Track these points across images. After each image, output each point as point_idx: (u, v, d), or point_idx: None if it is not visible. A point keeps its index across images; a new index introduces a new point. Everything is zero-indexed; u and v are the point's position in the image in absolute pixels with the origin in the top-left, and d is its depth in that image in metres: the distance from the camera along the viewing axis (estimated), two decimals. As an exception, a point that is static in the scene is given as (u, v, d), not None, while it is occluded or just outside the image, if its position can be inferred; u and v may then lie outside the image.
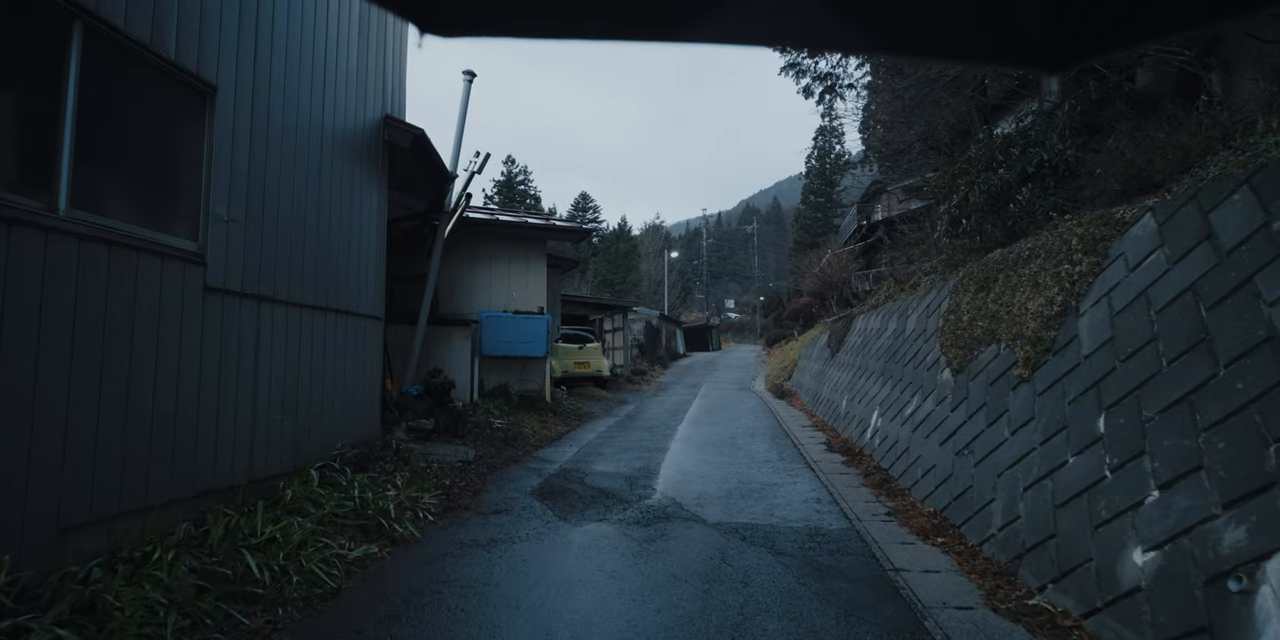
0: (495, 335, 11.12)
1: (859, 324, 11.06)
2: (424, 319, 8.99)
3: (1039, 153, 7.41)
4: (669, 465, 7.40)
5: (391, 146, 6.97)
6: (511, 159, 70.95)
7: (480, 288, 11.77)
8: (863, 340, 10.24)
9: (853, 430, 8.70)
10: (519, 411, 10.62)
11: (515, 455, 7.96)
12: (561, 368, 15.57)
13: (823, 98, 15.58)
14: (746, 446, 8.58)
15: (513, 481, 6.60)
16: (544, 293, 12.16)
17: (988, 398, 5.33)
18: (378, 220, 6.81)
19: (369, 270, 6.54)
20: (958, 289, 6.88)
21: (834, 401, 10.52)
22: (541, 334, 11.35)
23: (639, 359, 22.51)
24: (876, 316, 10.06)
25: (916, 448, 6.35)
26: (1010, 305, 5.55)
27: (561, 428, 10.22)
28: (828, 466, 7.30)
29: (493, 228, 11.64)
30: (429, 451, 7.30)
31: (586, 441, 9.11)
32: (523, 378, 11.65)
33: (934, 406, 6.35)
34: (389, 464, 6.09)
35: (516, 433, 9.14)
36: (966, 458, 5.26)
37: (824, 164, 63.54)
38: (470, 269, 11.74)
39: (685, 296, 68.02)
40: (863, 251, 31.96)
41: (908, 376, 7.46)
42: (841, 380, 10.54)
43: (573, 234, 12.04)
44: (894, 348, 8.40)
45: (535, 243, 12.16)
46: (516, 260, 12.01)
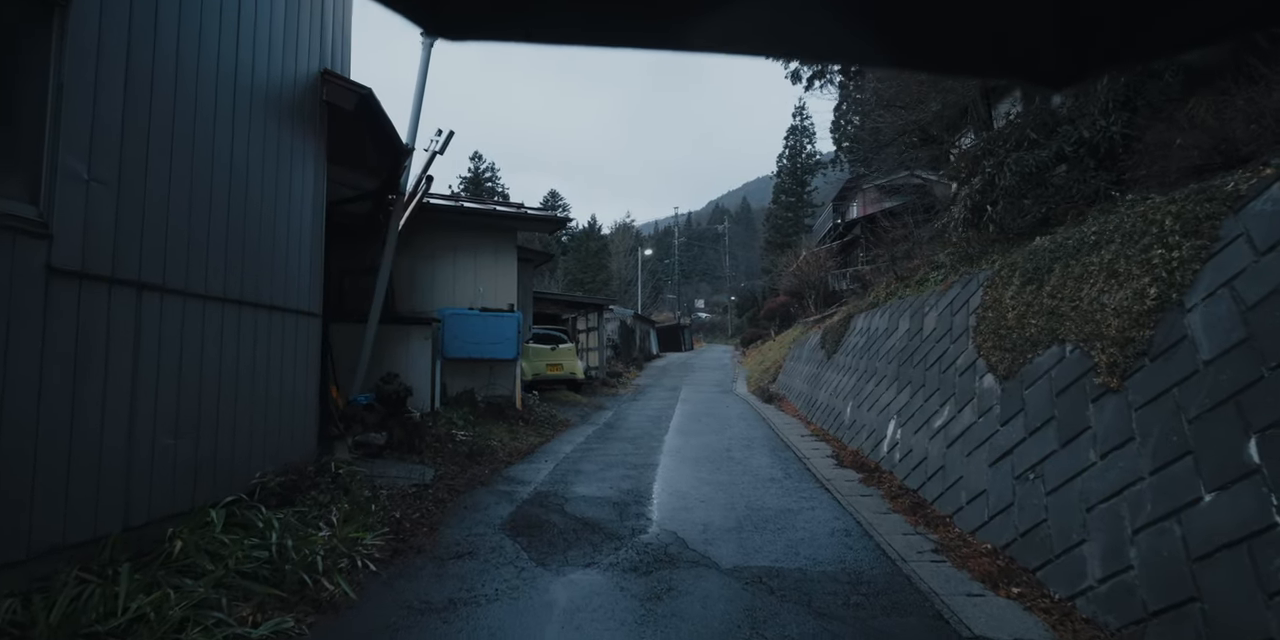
0: (460, 335, 9.98)
1: (858, 323, 10.19)
2: (376, 317, 7.82)
3: (1075, 130, 6.58)
4: (662, 486, 6.38)
5: (331, 109, 5.82)
6: (479, 155, 69.30)
7: (443, 283, 10.60)
8: (866, 341, 9.35)
9: (863, 441, 7.78)
10: (486, 421, 9.49)
11: (482, 474, 6.86)
12: (533, 370, 14.44)
13: (811, 83, 14.77)
14: (745, 461, 7.60)
15: (478, 510, 5.51)
16: (514, 288, 11.04)
17: (1056, 410, 4.42)
18: (314, 197, 5.66)
19: (302, 256, 5.39)
20: (995, 282, 5.99)
21: (834, 408, 9.62)
22: (511, 334, 10.24)
23: (614, 360, 21.46)
24: (880, 315, 9.18)
25: (955, 466, 5.43)
26: (1076, 300, 4.66)
27: (534, 439, 9.13)
28: (844, 486, 6.36)
29: (457, 216, 10.49)
30: (378, 473, 6.16)
31: (564, 456, 8.04)
32: (490, 382, 10.51)
33: (974, 418, 5.44)
34: (324, 493, 4.95)
35: (483, 446, 8.02)
36: (1033, 484, 4.34)
37: (795, 164, 63.40)
38: (432, 262, 10.57)
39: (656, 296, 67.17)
40: (839, 250, 31.41)
41: (931, 382, 6.55)
42: (842, 384, 9.64)
43: (546, 223, 10.95)
44: (909, 349, 7.51)
45: (504, 233, 11.03)
46: (484, 253, 10.87)
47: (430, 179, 9.29)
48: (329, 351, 8.11)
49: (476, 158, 68.19)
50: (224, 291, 4.34)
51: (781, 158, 63.98)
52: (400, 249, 10.05)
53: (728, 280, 69.71)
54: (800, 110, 69.90)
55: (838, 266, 30.11)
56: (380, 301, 7.86)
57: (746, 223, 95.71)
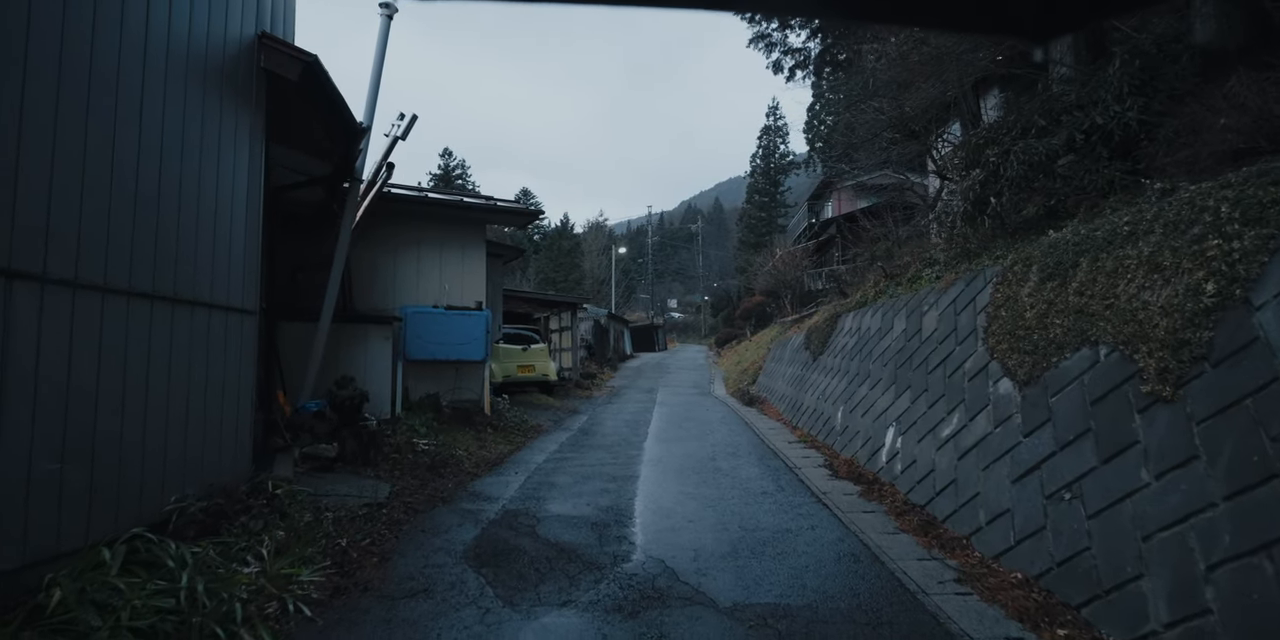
0: (423, 335, 9.27)
1: (847, 323, 9.72)
2: (329, 315, 7.10)
3: (1087, 117, 6.15)
4: (645, 502, 5.79)
5: (272, 79, 5.11)
6: (449, 152, 68.14)
7: (406, 279, 9.87)
8: (856, 341, 8.88)
9: (858, 450, 7.28)
10: (451, 427, 8.80)
11: (444, 489, 6.19)
12: (503, 372, 13.75)
13: (793, 73, 14.32)
14: (733, 471, 7.05)
15: (439, 534, 4.86)
16: (483, 285, 10.36)
17: (1093, 422, 3.93)
18: (250, 178, 4.94)
19: (234, 246, 4.67)
20: (1007, 279, 5.52)
21: (823, 412, 9.12)
22: (479, 334, 9.56)
23: (588, 361, 20.80)
24: (872, 314, 8.71)
25: (969, 481, 4.94)
26: (1110, 297, 4.18)
27: (504, 447, 8.47)
28: (843, 501, 5.83)
29: (422, 207, 9.77)
30: (325, 491, 5.47)
31: (535, 466, 7.40)
32: (457, 386, 9.81)
33: (990, 427, 4.95)
34: (257, 519, 4.25)
35: (447, 456, 7.35)
36: (1069, 506, 3.84)
37: (769, 163, 63.44)
38: (394, 256, 9.83)
39: (629, 296, 66.61)
40: (815, 249, 31.17)
41: (935, 387, 6.07)
42: (831, 388, 9.16)
43: (518, 216, 10.29)
44: (907, 351, 7.03)
45: (473, 226, 10.34)
46: (450, 247, 10.16)
47: (391, 166, 8.59)
48: (275, 353, 7.38)
49: (446, 154, 66.91)
50: (130, 283, 3.63)
51: (755, 157, 63.99)
52: (360, 242, 9.31)
53: (701, 280, 69.50)
54: (774, 110, 69.98)
55: (813, 266, 29.87)
56: (333, 298, 7.14)
57: (719, 223, 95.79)
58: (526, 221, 10.63)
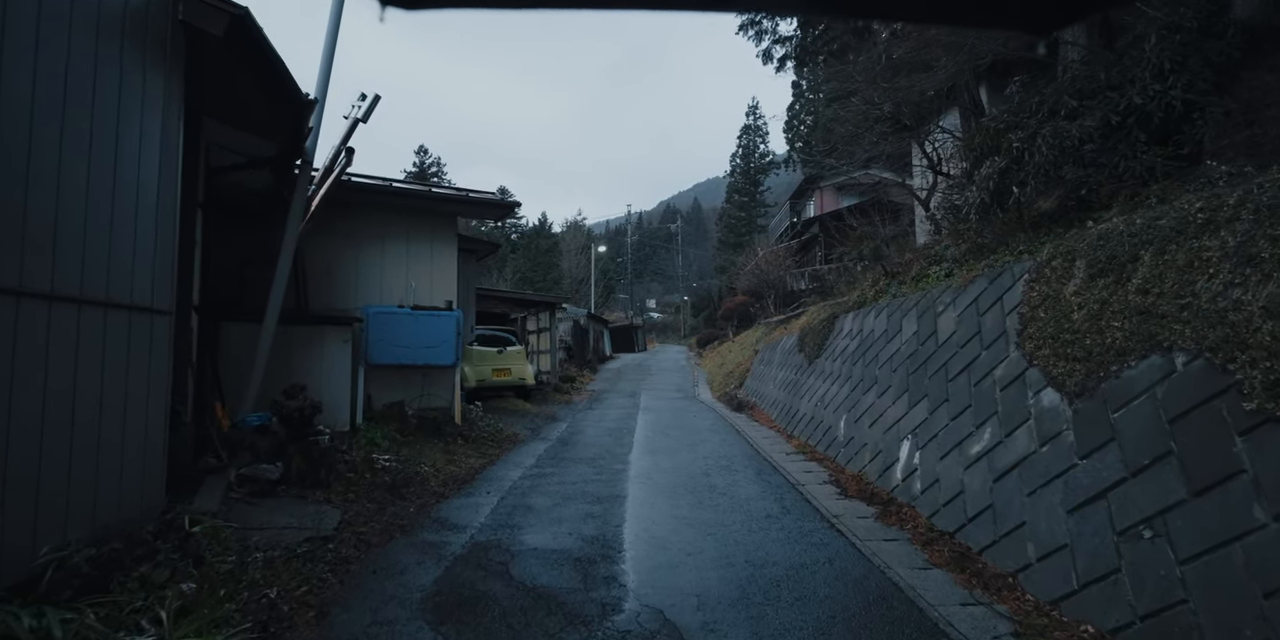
0: (387, 338, 8.45)
1: (846, 324, 9.09)
2: (274, 315, 6.28)
3: (1123, 97, 5.56)
4: (635, 530, 5.07)
5: (194, 35, 4.30)
6: (424, 149, 66.91)
7: (369, 276, 9.04)
8: (858, 345, 8.24)
9: (866, 464, 6.63)
10: (418, 439, 8.00)
11: (405, 515, 5.42)
12: (477, 375, 12.93)
13: (783, 63, 13.69)
14: (730, 489, 6.35)
15: (393, 576, 4.09)
16: (454, 284, 9.56)
17: (1174, 444, 3.29)
18: (163, 152, 4.12)
19: (141, 233, 3.86)
20: (1044, 276, 4.90)
21: (823, 421, 8.47)
22: (449, 336, 8.76)
23: (567, 363, 20.01)
24: (875, 315, 8.09)
25: (1010, 507, 4.29)
26: (1187, 294, 3.55)
27: (476, 461, 7.69)
28: (858, 526, 5.16)
29: (387, 198, 8.94)
30: (261, 523, 4.66)
31: (510, 484, 6.64)
32: (425, 393, 9.00)
33: (1033, 445, 4.31)
34: (163, 568, 3.45)
35: (411, 474, 6.56)
36: (1152, 546, 3.20)
37: (749, 163, 63.18)
38: (356, 252, 9.00)
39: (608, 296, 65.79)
40: (798, 249, 30.71)
41: (959, 396, 5.43)
42: (831, 394, 8.51)
43: (492, 209, 9.50)
44: (920, 356, 6.40)
45: (443, 220, 9.53)
46: (418, 241, 9.35)
47: (351, 151, 7.78)
48: (214, 359, 6.54)
49: (422, 151, 65.64)
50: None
51: (735, 157, 63.70)
52: (317, 237, 8.48)
53: (680, 280, 69.02)
54: (754, 109, 69.76)
55: (796, 266, 29.38)
56: (280, 296, 6.31)
57: (698, 223, 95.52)
58: (502, 214, 9.86)
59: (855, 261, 19.93)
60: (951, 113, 12.59)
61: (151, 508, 3.88)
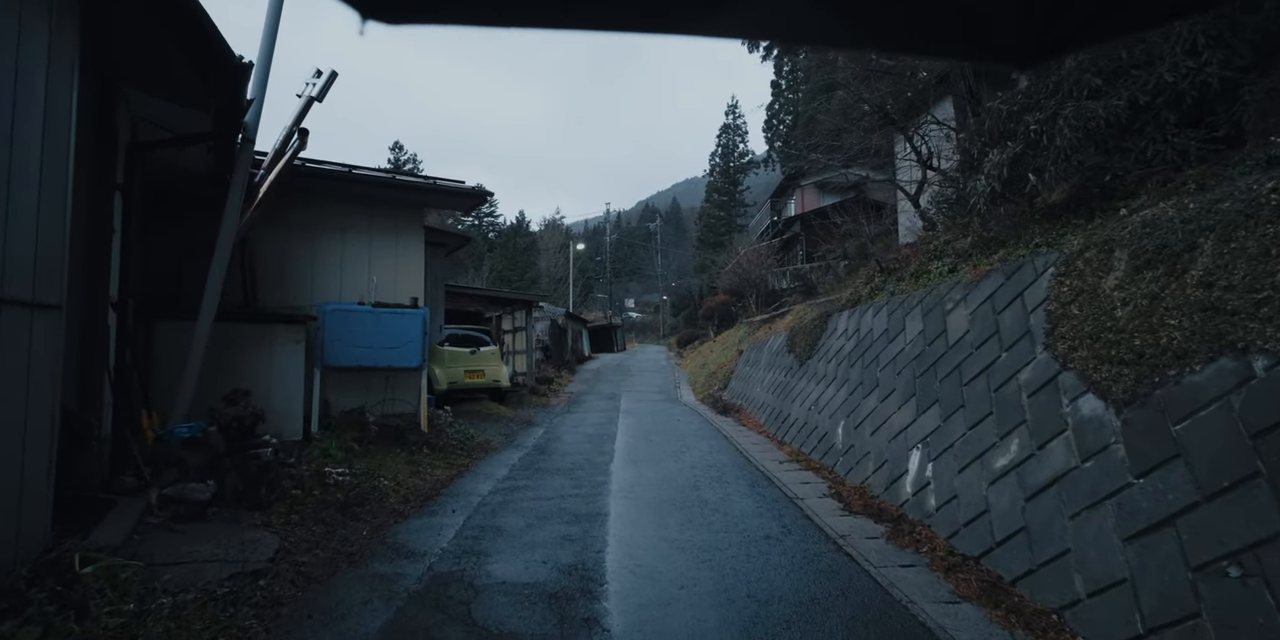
0: (345, 338, 7.75)
1: (840, 323, 8.57)
2: (209, 313, 5.57)
3: (1152, 75, 5.08)
4: (619, 556, 4.46)
5: (94, -23, 3.60)
6: (400, 145, 65.84)
7: (327, 271, 8.32)
8: (855, 345, 7.72)
9: (870, 475, 6.10)
10: (379, 449, 7.31)
11: (355, 541, 4.75)
12: (449, 377, 12.24)
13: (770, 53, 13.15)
14: (723, 504, 5.77)
15: (331, 622, 3.44)
16: (420, 279, 8.87)
17: (1263, 464, 2.77)
18: (50, 115, 3.42)
19: (15, 211, 3.16)
20: (1076, 269, 4.39)
21: (818, 427, 7.94)
22: (414, 336, 8.08)
23: (544, 364, 19.31)
24: (872, 314, 7.57)
25: (1049, 531, 3.76)
26: (1265, 288, 3.05)
27: (443, 472, 7.02)
28: (869, 548, 4.61)
29: (347, 186, 8.23)
30: (178, 556, 3.98)
31: (479, 500, 5.99)
32: (388, 398, 8.31)
33: (1074, 461, 3.79)
34: (32, 624, 2.77)
35: (368, 489, 5.89)
36: (1243, 587, 2.68)
37: (728, 163, 62.98)
38: (312, 245, 8.27)
39: (586, 295, 65.06)
40: (780, 248, 30.33)
41: (976, 402, 4.91)
42: (826, 398, 7.98)
43: (462, 198, 8.82)
44: (928, 357, 5.88)
45: (408, 210, 8.84)
46: (381, 234, 8.65)
47: (304, 133, 7.08)
48: (138, 363, 5.81)
49: (397, 148, 64.51)
50: None
51: (714, 156, 63.46)
52: (269, 227, 7.75)
53: (659, 279, 68.60)
54: (733, 108, 69.59)
55: (778, 265, 28.99)
56: (216, 291, 5.61)
57: (676, 223, 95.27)
58: (472, 205, 9.19)
59: (839, 259, 19.54)
60: (943, 104, 12.18)
61: (29, 546, 3.18)
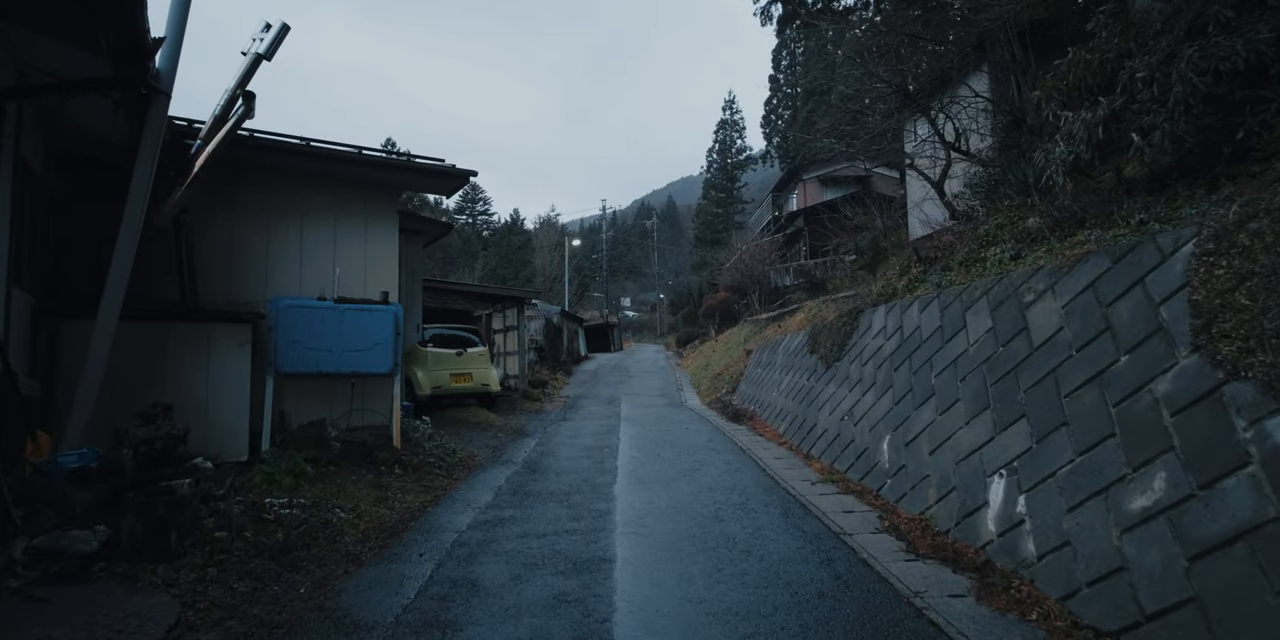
0: (304, 339, 6.63)
1: (875, 320, 7.49)
2: (111, 309, 4.45)
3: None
4: (633, 629, 3.36)
5: None
6: (392, 142, 64.64)
7: (283, 262, 7.20)
8: (898, 345, 6.63)
9: (933, 504, 5.01)
10: (341, 471, 6.20)
11: (286, 604, 3.64)
12: (432, 381, 11.11)
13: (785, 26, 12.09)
14: (755, 543, 4.67)
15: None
16: (394, 272, 7.75)
17: None
18: None
19: None
20: (1237, 246, 3.31)
21: (854, 440, 6.84)
22: (385, 336, 6.97)
23: (538, 365, 18.18)
24: (919, 310, 6.49)
25: (1237, 605, 2.67)
26: None
27: (414, 498, 5.92)
28: (960, 615, 3.52)
29: (304, 162, 7.10)
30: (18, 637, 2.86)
31: (453, 540, 4.88)
32: (355, 408, 7.20)
33: (1273, 510, 2.70)
34: None
35: (318, 526, 4.79)
36: None
37: (725, 158, 62.01)
38: (266, 231, 7.15)
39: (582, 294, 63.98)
40: (784, 243, 29.27)
41: (1088, 420, 3.83)
42: (863, 407, 6.89)
43: (440, 178, 7.69)
44: (1005, 360, 4.80)
45: (379, 192, 7.72)
46: (349, 220, 7.53)
47: (251, 98, 6.02)
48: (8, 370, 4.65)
49: (390, 145, 63.33)
50: None
51: (711, 152, 62.51)
52: (212, 210, 6.64)
53: (656, 278, 67.60)
54: (730, 103, 68.70)
55: (780, 261, 27.92)
56: (121, 281, 4.48)
57: (672, 221, 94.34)
58: (452, 186, 8.05)
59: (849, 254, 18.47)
60: (976, 77, 11.11)
61: None
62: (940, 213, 13.93)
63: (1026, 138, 8.57)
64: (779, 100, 51.31)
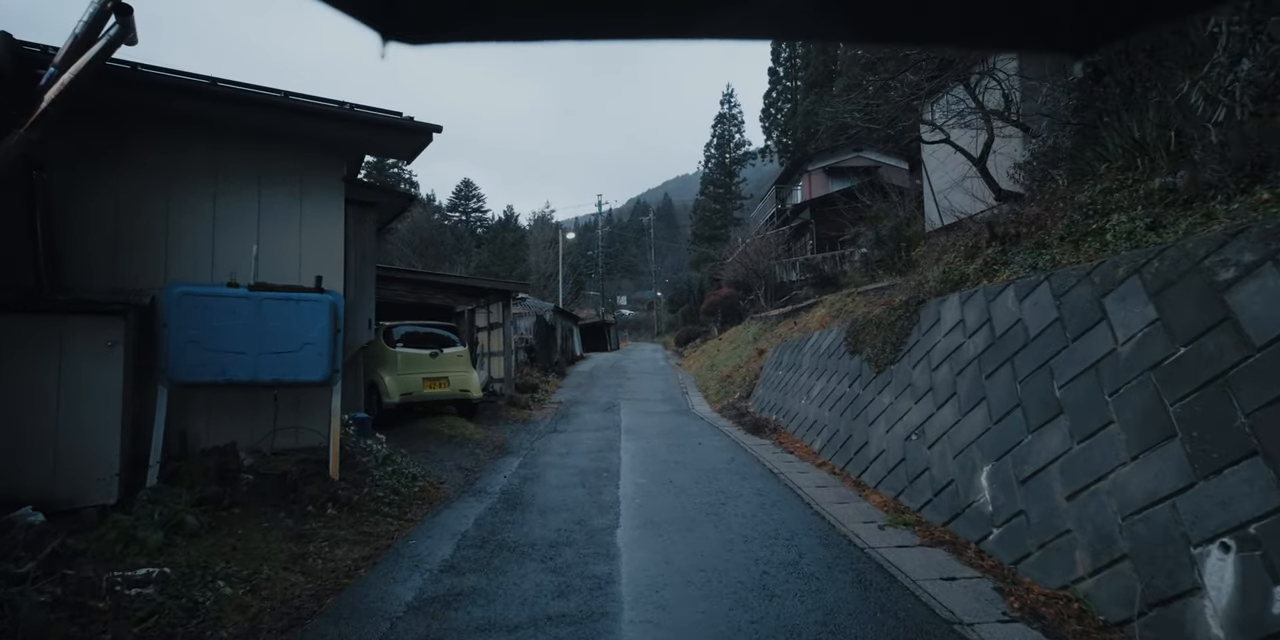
0: (208, 337, 5.03)
1: (945, 313, 5.92)
2: None
3: None
4: None
5: None
6: (380, 135, 62.51)
7: (189, 238, 5.60)
8: (986, 344, 5.06)
9: (1087, 576, 3.43)
10: (249, 514, 4.61)
11: None
12: (402, 387, 9.53)
13: None
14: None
15: None
16: (337, 253, 6.17)
17: None
18: None
19: None
20: None
21: (928, 467, 5.27)
22: (320, 334, 5.38)
23: (527, 367, 16.57)
24: (1019, 298, 4.93)
25: None
26: None
27: (346, 553, 4.33)
28: None
29: (211, 107, 5.49)
30: None
31: (383, 633, 3.30)
32: (283, 426, 5.61)
33: None
34: None
35: (180, 613, 3.21)
36: None
37: (724, 153, 60.64)
38: (165, 198, 5.54)
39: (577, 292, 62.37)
40: (790, 236, 27.75)
41: None
42: (941, 424, 5.31)
43: (394, 133, 6.07)
44: (1198, 367, 3.23)
45: (321, 155, 6.13)
46: (277, 187, 5.94)
47: (127, 12, 4.49)
48: None
49: (379, 139, 61.35)
50: None
51: (709, 147, 61.11)
52: (85, 168, 5.05)
53: (653, 275, 66.15)
54: (729, 97, 67.26)
55: (786, 254, 26.37)
56: None
57: (668, 220, 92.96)
58: (411, 145, 6.43)
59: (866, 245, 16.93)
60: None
61: None
62: (967, 200, 12.48)
63: (1116, 91, 7.08)
64: (779, 93, 49.89)
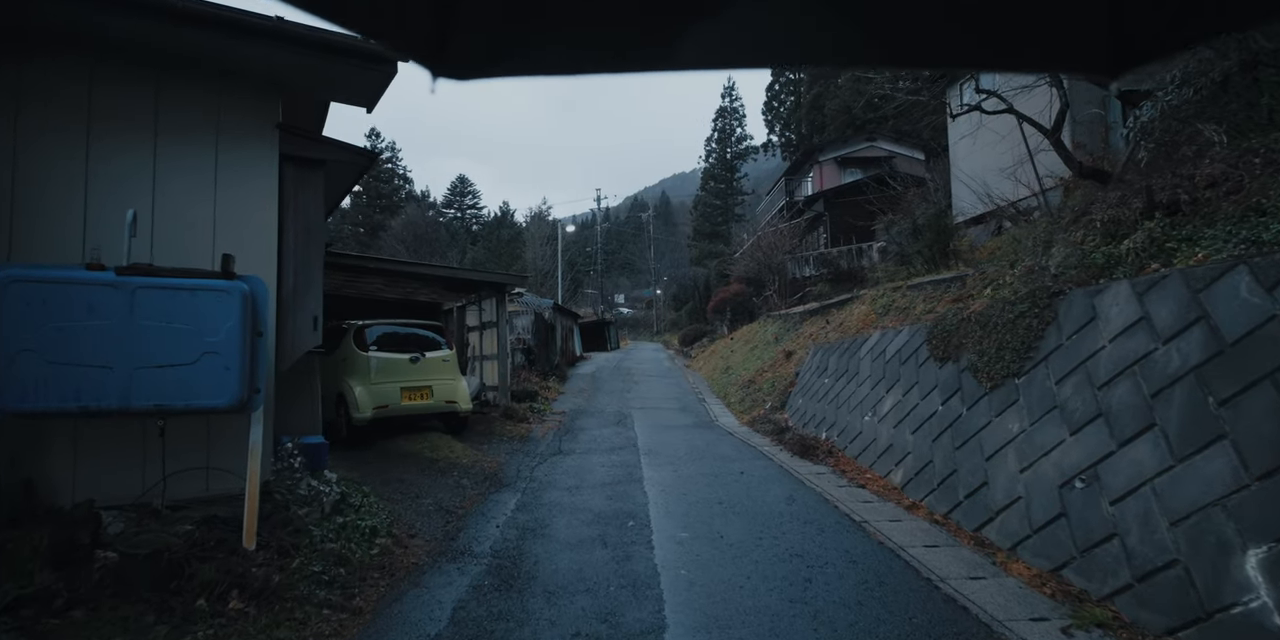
0: (47, 346, 3.35)
1: (1101, 309, 4.27)
2: None
3: None
4: None
5: None
6: (376, 132, 61.34)
7: (47, 201, 3.92)
8: (1204, 355, 3.41)
9: None
10: (99, 615, 2.95)
11: None
12: (376, 399, 7.88)
13: None
14: None
15: None
16: (268, 227, 4.49)
17: None
18: None
19: None
20: None
21: (1124, 534, 3.61)
22: (231, 338, 3.70)
23: (526, 371, 14.90)
24: (1247, 287, 3.28)
25: None
26: None
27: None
28: None
29: (81, 11, 3.81)
30: None
31: None
32: (194, 467, 3.94)
33: None
34: None
35: None
36: None
37: (725, 148, 59.21)
38: (11, 146, 3.87)
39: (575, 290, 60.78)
40: (803, 229, 26.13)
41: None
42: (1138, 471, 3.65)
43: (342, 61, 4.38)
44: None
45: (244, 90, 4.45)
46: (181, 132, 4.27)
47: None
48: None
49: (373, 136, 59.78)
50: None
51: (710, 142, 59.63)
52: None
53: (652, 273, 64.62)
54: (729, 90, 65.51)
55: (799, 249, 24.75)
56: None
57: (666, 217, 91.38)
58: (369, 84, 4.71)
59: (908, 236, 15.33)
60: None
61: None
62: (1008, 185, 11.03)
63: None
64: (781, 85, 48.40)
